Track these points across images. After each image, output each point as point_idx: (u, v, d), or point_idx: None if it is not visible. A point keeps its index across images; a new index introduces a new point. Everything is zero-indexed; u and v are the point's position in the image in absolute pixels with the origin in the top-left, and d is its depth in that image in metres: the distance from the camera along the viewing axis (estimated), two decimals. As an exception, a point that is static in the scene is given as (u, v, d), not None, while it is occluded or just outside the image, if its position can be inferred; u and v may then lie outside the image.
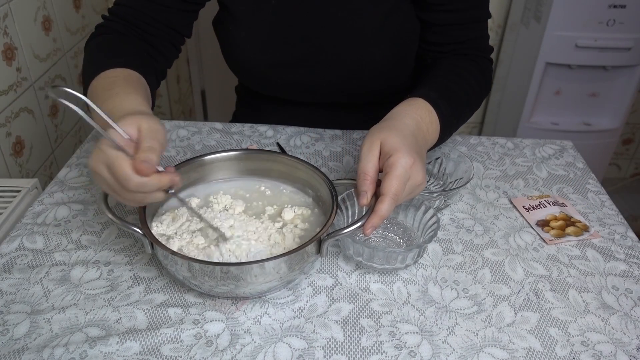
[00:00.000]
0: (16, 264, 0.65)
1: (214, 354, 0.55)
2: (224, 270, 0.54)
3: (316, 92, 0.92)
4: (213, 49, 1.97)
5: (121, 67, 0.70)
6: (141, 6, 0.79)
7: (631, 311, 0.62)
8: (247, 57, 0.87)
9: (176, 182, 0.56)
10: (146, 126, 0.55)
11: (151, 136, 0.54)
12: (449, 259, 0.68)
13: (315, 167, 0.69)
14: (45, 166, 1.27)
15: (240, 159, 0.72)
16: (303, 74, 0.88)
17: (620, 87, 1.75)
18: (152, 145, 0.53)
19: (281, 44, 0.85)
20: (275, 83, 0.91)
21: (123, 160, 0.52)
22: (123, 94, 0.63)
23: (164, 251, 0.56)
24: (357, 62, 0.85)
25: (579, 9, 1.59)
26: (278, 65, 0.87)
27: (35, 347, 0.55)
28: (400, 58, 0.88)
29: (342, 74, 0.87)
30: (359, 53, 0.85)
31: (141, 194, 0.54)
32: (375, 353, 0.56)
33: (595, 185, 0.84)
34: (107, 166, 0.53)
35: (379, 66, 0.86)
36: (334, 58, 0.86)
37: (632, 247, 0.71)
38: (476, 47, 0.84)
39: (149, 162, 0.52)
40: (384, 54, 0.85)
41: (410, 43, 0.88)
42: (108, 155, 0.52)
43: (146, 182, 0.53)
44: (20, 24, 1.14)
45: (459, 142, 0.93)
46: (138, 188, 0.53)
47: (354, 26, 0.83)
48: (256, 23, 0.84)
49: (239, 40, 0.85)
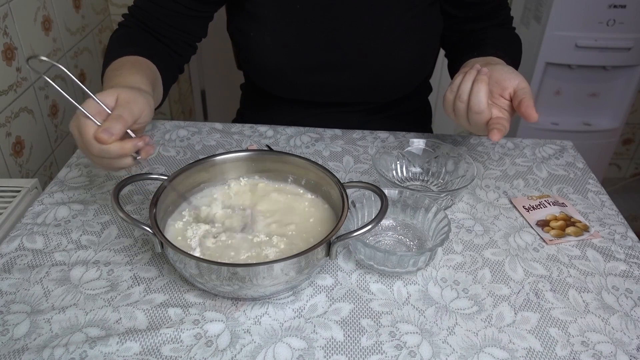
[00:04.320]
0: (16, 264, 0.65)
1: (214, 354, 0.55)
2: (231, 270, 0.54)
3: (339, 95, 0.92)
4: (213, 49, 1.97)
5: (134, 54, 0.75)
6: (153, 10, 0.81)
7: (631, 311, 0.62)
8: (272, 63, 0.86)
9: (141, 147, 0.59)
10: (124, 97, 0.59)
11: (124, 106, 0.58)
12: (449, 259, 0.68)
13: (326, 168, 0.68)
14: (45, 166, 1.27)
15: (250, 159, 0.72)
16: (328, 78, 0.88)
17: (620, 87, 1.75)
18: (120, 114, 0.57)
19: (307, 49, 0.85)
20: (298, 87, 0.91)
21: (88, 126, 0.57)
22: (126, 74, 0.68)
23: (172, 248, 0.56)
24: (384, 66, 0.86)
25: (579, 9, 1.59)
26: (303, 69, 0.87)
27: (35, 347, 0.55)
28: (425, 59, 0.89)
29: (369, 78, 0.87)
30: (386, 58, 0.85)
31: (107, 159, 0.59)
32: (375, 353, 0.56)
33: (595, 185, 0.84)
34: (78, 130, 0.58)
35: (404, 69, 0.87)
36: (360, 63, 0.85)
37: (632, 247, 0.71)
38: (507, 20, 0.92)
39: (108, 130, 0.56)
40: (410, 57, 0.86)
41: (434, 43, 0.90)
42: (79, 121, 0.58)
43: (106, 149, 0.57)
44: (20, 24, 1.14)
45: (459, 142, 0.93)
46: (100, 153, 0.58)
47: (381, 31, 0.82)
48: (282, 28, 0.83)
49: (263, 46, 0.85)
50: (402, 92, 0.92)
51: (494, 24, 0.89)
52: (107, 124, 0.57)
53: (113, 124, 0.57)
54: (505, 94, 0.70)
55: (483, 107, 0.67)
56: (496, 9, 0.88)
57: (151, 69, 0.75)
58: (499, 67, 0.71)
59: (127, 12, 0.85)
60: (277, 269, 0.55)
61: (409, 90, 0.94)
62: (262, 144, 0.91)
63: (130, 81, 0.66)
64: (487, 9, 0.87)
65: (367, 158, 0.88)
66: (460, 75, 0.71)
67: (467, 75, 0.69)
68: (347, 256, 0.68)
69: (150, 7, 0.81)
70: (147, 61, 0.75)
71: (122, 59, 0.73)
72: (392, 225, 0.72)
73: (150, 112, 0.63)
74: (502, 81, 0.70)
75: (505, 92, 0.70)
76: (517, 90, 0.69)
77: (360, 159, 0.88)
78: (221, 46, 1.58)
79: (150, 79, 0.71)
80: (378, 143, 0.92)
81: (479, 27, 0.89)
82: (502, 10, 0.90)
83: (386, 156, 0.81)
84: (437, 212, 0.68)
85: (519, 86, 0.70)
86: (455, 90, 0.70)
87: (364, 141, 0.93)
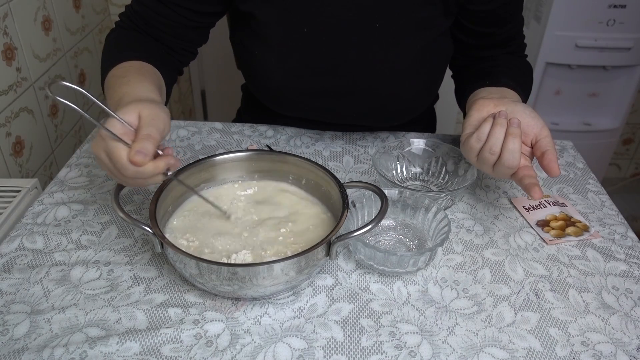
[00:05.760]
0: (16, 264, 0.65)
1: (214, 354, 0.55)
2: (231, 270, 0.54)
3: (343, 118, 0.90)
4: (213, 49, 1.97)
5: (136, 59, 0.73)
6: (153, 20, 0.79)
7: (631, 311, 0.62)
8: (275, 84, 0.84)
9: (172, 164, 0.58)
10: (146, 113, 0.57)
11: (150, 123, 0.56)
12: (449, 259, 0.68)
13: (326, 168, 0.68)
14: (45, 166, 1.27)
15: (250, 159, 0.72)
16: (333, 102, 0.86)
17: (620, 87, 1.75)
18: (149, 133, 0.55)
19: (312, 73, 0.83)
20: (301, 108, 0.89)
21: (120, 149, 0.54)
22: (134, 82, 0.66)
23: (172, 248, 0.56)
24: (391, 93, 0.84)
25: (579, 9, 1.59)
26: (307, 93, 0.85)
27: (35, 347, 0.55)
28: (433, 87, 0.88)
29: (374, 104, 0.86)
30: (394, 85, 0.83)
31: (140, 179, 0.57)
32: (375, 353, 0.56)
33: (595, 185, 0.84)
34: (106, 154, 0.56)
35: (411, 97, 0.85)
36: (366, 89, 0.83)
37: (632, 247, 0.71)
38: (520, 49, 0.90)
39: (142, 151, 0.54)
40: (418, 85, 0.84)
41: (443, 69, 0.87)
42: (107, 143, 0.55)
43: (142, 170, 0.55)
44: (20, 24, 1.14)
45: (459, 142, 0.93)
46: (135, 175, 0.55)
47: (389, 59, 0.80)
48: (288, 51, 0.81)
49: (267, 67, 0.82)
50: (407, 118, 0.90)
51: (505, 52, 0.87)
52: (139, 145, 0.54)
53: (145, 144, 0.54)
54: (527, 141, 0.68)
55: (517, 164, 0.65)
56: (510, 38, 0.86)
57: (156, 75, 0.73)
58: (519, 110, 0.68)
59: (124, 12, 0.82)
60: (277, 269, 0.55)
61: (414, 116, 0.92)
62: (262, 144, 0.91)
63: (140, 90, 0.64)
64: (500, 39, 0.85)
65: (367, 158, 0.88)
66: (487, 123, 0.66)
67: (497, 126, 0.65)
68: (347, 256, 0.68)
69: (148, 15, 0.79)
70: (151, 67, 0.74)
71: (126, 65, 0.71)
72: (392, 225, 0.72)
73: (169, 124, 0.61)
74: (525, 127, 0.67)
75: (527, 139, 0.68)
76: (539, 139, 0.67)
77: (360, 159, 0.88)
78: (221, 46, 1.58)
79: (157, 86, 0.69)
80: (378, 143, 0.92)
81: (490, 54, 0.87)
82: (516, 39, 0.87)
83: (386, 156, 0.81)
84: (437, 212, 0.68)
85: (541, 134, 0.67)
86: (483, 139, 0.66)
87: (364, 141, 0.93)
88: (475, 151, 0.67)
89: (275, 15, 0.78)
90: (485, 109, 0.70)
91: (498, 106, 0.69)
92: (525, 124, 0.67)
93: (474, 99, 0.75)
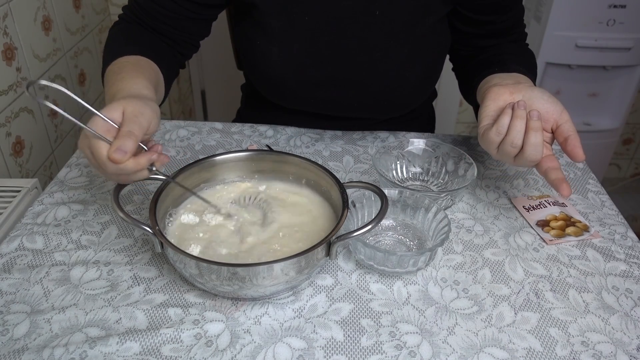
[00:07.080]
0: (16, 264, 0.65)
1: (214, 354, 0.55)
2: (231, 270, 0.54)
3: (343, 110, 0.91)
4: (213, 49, 1.97)
5: (135, 54, 0.74)
6: (155, 12, 0.80)
7: (631, 311, 0.62)
8: (277, 74, 0.84)
9: (155, 160, 0.58)
10: (130, 110, 0.58)
11: (132, 120, 0.57)
12: (449, 259, 0.68)
13: (326, 168, 0.68)
14: (45, 166, 1.27)
15: (250, 159, 0.72)
16: (333, 93, 0.86)
17: (620, 87, 1.75)
18: (130, 130, 0.56)
19: (313, 63, 0.83)
20: (301, 100, 0.89)
21: (101, 147, 0.55)
22: (128, 78, 0.67)
23: (172, 248, 0.56)
24: (391, 84, 0.84)
25: (579, 9, 1.59)
26: (308, 83, 0.85)
27: (35, 347, 0.55)
28: (432, 77, 0.88)
29: (374, 95, 0.86)
30: (393, 76, 0.83)
31: (123, 175, 0.58)
32: (375, 353, 0.56)
33: (596, 185, 0.84)
34: (90, 150, 0.57)
35: (411, 87, 0.86)
36: (367, 79, 0.84)
37: (632, 247, 0.71)
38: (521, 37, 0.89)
39: (121, 149, 0.55)
40: (417, 76, 0.84)
41: (442, 60, 0.88)
42: (90, 142, 0.56)
43: (123, 167, 0.56)
44: (20, 24, 1.14)
45: (459, 142, 0.93)
46: (117, 172, 0.56)
47: (388, 49, 0.81)
48: (289, 41, 0.81)
49: (269, 57, 0.83)
50: (407, 109, 0.91)
51: (508, 41, 0.87)
52: (118, 142, 0.55)
53: (125, 141, 0.55)
54: (547, 127, 0.67)
55: (540, 156, 0.65)
56: (512, 26, 0.86)
57: (153, 70, 0.74)
58: (537, 96, 0.67)
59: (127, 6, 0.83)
60: (277, 269, 0.55)
61: (414, 106, 0.93)
62: (262, 144, 0.91)
63: (133, 86, 0.65)
64: (502, 27, 0.84)
65: (367, 158, 0.88)
66: (506, 115, 0.65)
67: (517, 119, 0.64)
68: (347, 256, 0.68)
69: (152, 7, 0.80)
70: (148, 61, 0.74)
71: (123, 60, 0.72)
72: (392, 225, 0.72)
73: (158, 121, 0.61)
74: (544, 113, 0.66)
75: (547, 125, 0.67)
76: (560, 124, 0.67)
77: (360, 159, 0.88)
78: (221, 46, 1.58)
79: (153, 81, 0.70)
80: (378, 143, 0.92)
81: (494, 43, 0.86)
82: (517, 27, 0.87)
83: (386, 156, 0.81)
84: (437, 212, 0.68)
85: (562, 118, 0.67)
86: (503, 132, 0.65)
87: (364, 141, 0.93)
88: (496, 144, 0.66)
89: (276, 4, 0.79)
90: (501, 97, 0.68)
91: (514, 93, 0.68)
92: (544, 111, 0.66)
93: (486, 86, 0.73)
